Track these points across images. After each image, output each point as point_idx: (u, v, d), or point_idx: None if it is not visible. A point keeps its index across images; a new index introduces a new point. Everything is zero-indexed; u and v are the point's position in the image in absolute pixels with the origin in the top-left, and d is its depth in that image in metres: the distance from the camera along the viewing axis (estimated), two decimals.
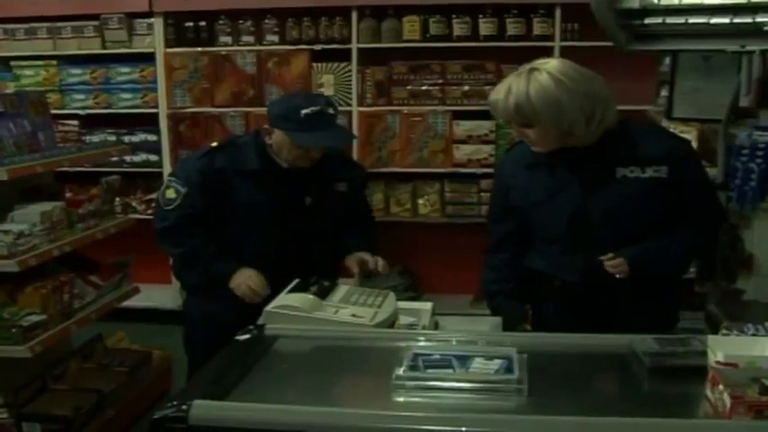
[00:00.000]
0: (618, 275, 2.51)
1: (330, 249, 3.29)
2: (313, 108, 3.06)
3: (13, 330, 3.29)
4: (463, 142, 5.15)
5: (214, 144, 3.32)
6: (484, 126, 5.10)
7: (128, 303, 4.21)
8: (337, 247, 3.30)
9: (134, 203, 5.46)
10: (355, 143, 5.10)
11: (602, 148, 2.52)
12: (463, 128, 5.13)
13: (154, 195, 5.48)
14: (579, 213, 2.55)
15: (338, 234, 3.33)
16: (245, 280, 3.11)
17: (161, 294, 5.40)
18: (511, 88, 2.44)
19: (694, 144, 3.86)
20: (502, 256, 2.78)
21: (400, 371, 1.85)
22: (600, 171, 2.53)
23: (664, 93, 4.06)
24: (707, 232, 2.71)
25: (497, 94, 2.49)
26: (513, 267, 2.76)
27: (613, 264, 2.51)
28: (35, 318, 3.38)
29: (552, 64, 2.46)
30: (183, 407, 1.67)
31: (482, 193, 5.17)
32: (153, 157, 5.49)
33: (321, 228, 3.27)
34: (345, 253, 3.28)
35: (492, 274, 2.81)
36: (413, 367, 1.88)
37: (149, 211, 5.45)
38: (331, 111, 3.14)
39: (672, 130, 3.91)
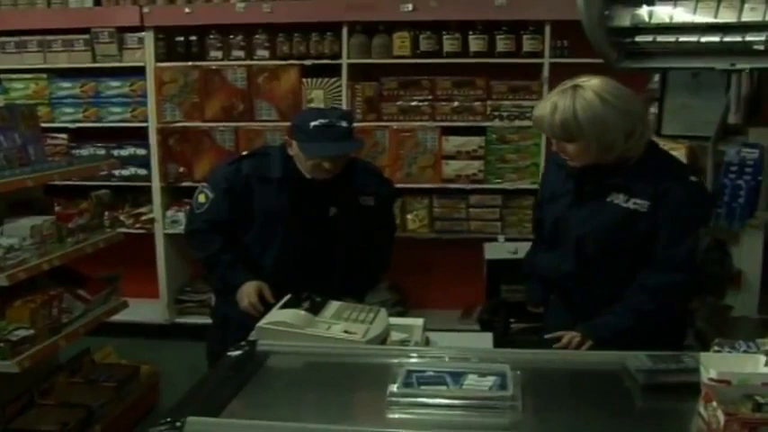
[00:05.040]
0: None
1: (352, 266, 3.33)
2: (322, 120, 3.09)
3: (1, 345, 3.27)
4: (452, 158, 5.14)
5: (245, 152, 3.48)
6: (473, 142, 5.10)
7: (116, 318, 4.18)
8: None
9: (122, 218, 5.42)
10: None
11: (609, 172, 2.58)
12: (452, 143, 5.13)
13: (142, 209, 5.50)
14: (563, 220, 2.69)
15: (361, 250, 3.35)
16: (247, 295, 3.13)
17: (149, 309, 5.38)
18: (557, 105, 2.49)
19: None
20: (534, 243, 3.02)
21: (394, 387, 1.86)
22: (596, 190, 2.61)
23: (653, 110, 4.09)
24: (668, 286, 2.54)
25: (542, 110, 2.55)
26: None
27: (564, 342, 2.54)
28: (23, 332, 3.36)
29: (595, 81, 2.52)
30: (177, 423, 1.67)
31: (471, 209, 5.18)
32: (142, 171, 5.45)
33: (345, 240, 3.29)
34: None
35: (527, 258, 3.03)
36: (407, 384, 1.88)
37: (137, 226, 5.46)
38: (344, 124, 3.14)
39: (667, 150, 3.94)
